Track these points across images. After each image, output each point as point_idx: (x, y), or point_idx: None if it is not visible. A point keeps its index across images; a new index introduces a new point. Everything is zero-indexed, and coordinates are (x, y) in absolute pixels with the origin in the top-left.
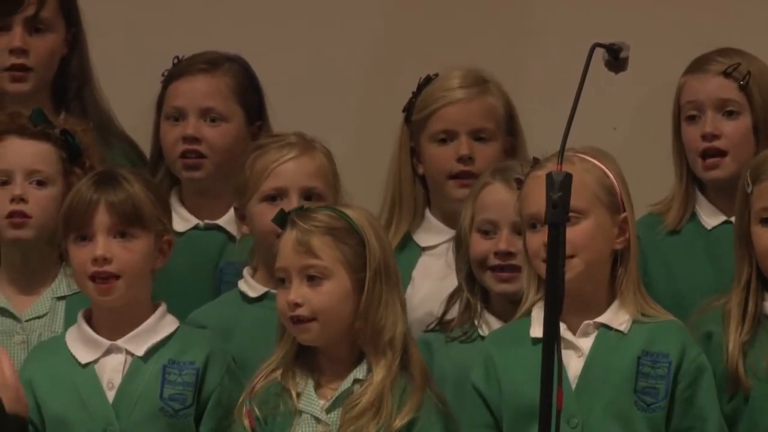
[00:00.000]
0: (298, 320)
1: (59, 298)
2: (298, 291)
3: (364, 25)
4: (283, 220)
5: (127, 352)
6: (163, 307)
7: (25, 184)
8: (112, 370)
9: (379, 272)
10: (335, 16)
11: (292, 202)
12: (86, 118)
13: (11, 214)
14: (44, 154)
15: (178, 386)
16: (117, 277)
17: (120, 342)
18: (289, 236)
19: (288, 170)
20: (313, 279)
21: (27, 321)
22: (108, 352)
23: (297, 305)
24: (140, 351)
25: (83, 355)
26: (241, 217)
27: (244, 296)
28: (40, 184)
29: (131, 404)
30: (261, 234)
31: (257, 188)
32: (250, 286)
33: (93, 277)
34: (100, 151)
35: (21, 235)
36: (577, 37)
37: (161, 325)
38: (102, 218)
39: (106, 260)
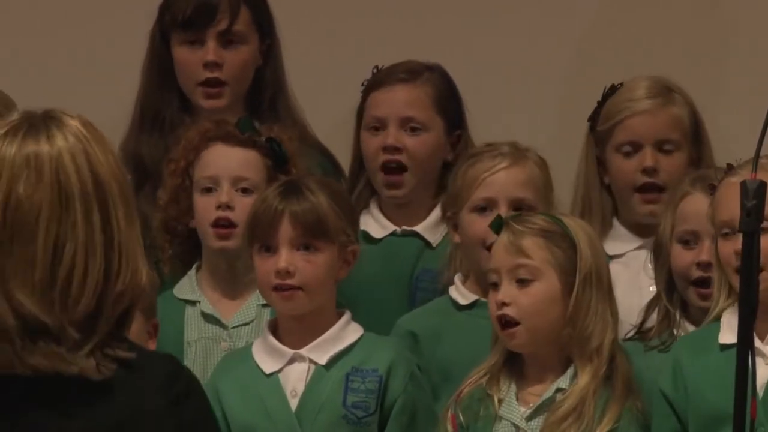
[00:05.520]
0: (505, 323)
1: (264, 305)
2: (507, 291)
3: (562, 33)
4: (499, 225)
5: (311, 361)
6: (347, 315)
7: (231, 192)
8: (295, 379)
9: (589, 278)
10: (531, 23)
11: (502, 213)
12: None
13: (217, 222)
14: (250, 162)
15: (361, 393)
16: (299, 288)
17: (303, 351)
18: (502, 239)
19: (498, 180)
20: (522, 282)
21: (233, 328)
22: (291, 361)
23: (504, 304)
24: (323, 359)
25: (268, 365)
26: (454, 226)
27: (454, 303)
28: (245, 191)
29: (314, 412)
30: (471, 243)
31: (468, 198)
32: (461, 293)
33: (276, 288)
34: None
35: (227, 246)
36: None
37: (345, 333)
38: (286, 230)
39: (288, 273)
